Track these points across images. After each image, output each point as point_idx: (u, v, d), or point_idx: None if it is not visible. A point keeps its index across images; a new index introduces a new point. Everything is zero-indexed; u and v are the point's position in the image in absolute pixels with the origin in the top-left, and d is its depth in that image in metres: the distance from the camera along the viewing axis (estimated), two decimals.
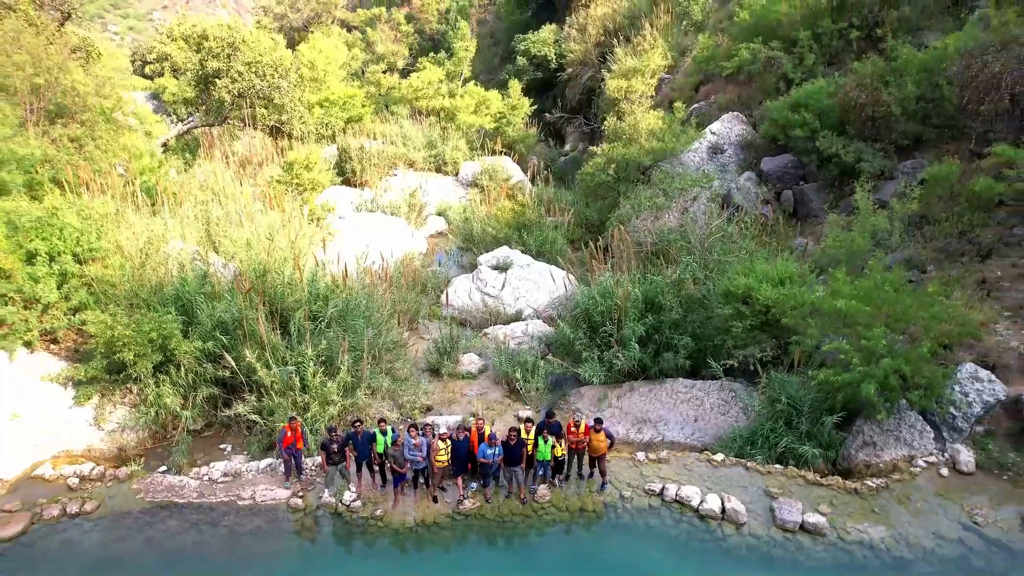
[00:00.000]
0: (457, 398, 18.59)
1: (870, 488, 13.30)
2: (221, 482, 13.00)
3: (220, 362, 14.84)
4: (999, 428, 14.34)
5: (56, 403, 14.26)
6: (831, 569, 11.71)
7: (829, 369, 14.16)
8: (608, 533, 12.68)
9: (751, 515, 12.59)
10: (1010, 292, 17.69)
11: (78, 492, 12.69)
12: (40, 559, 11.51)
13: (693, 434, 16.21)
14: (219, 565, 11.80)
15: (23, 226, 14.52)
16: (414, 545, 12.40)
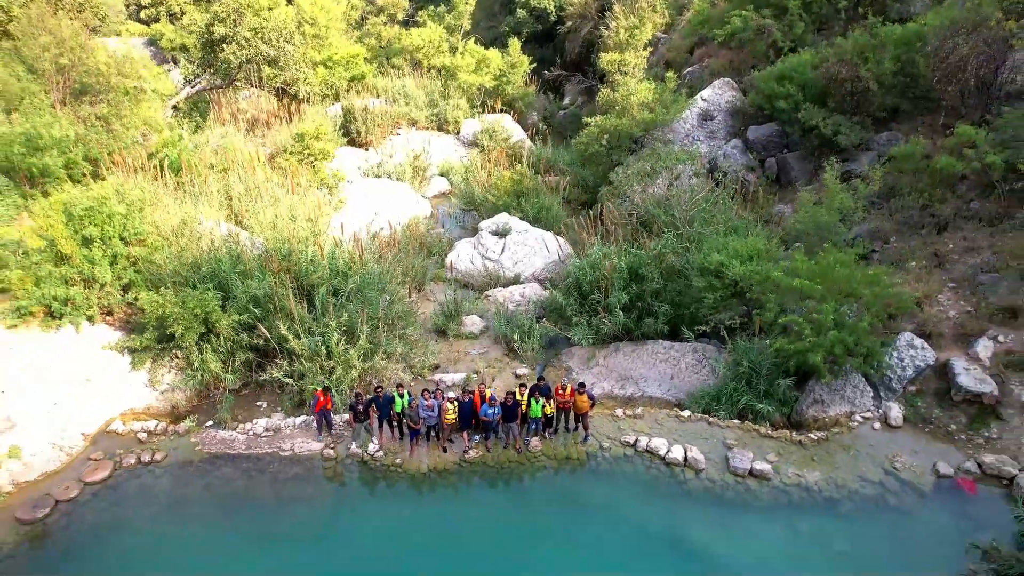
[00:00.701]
0: (461, 357, 20.83)
1: (812, 440, 15.72)
2: (264, 436, 15.45)
3: (254, 332, 17.02)
4: (927, 388, 16.63)
5: (117, 368, 16.56)
6: (772, 508, 14.21)
7: (785, 338, 16.35)
8: (590, 477, 15.17)
9: (709, 463, 15.04)
10: (958, 264, 19.66)
11: (147, 444, 15.17)
12: (124, 499, 14.04)
13: (669, 390, 18.55)
14: (267, 505, 14.32)
15: (77, 214, 16.42)
16: (427, 488, 14.92)
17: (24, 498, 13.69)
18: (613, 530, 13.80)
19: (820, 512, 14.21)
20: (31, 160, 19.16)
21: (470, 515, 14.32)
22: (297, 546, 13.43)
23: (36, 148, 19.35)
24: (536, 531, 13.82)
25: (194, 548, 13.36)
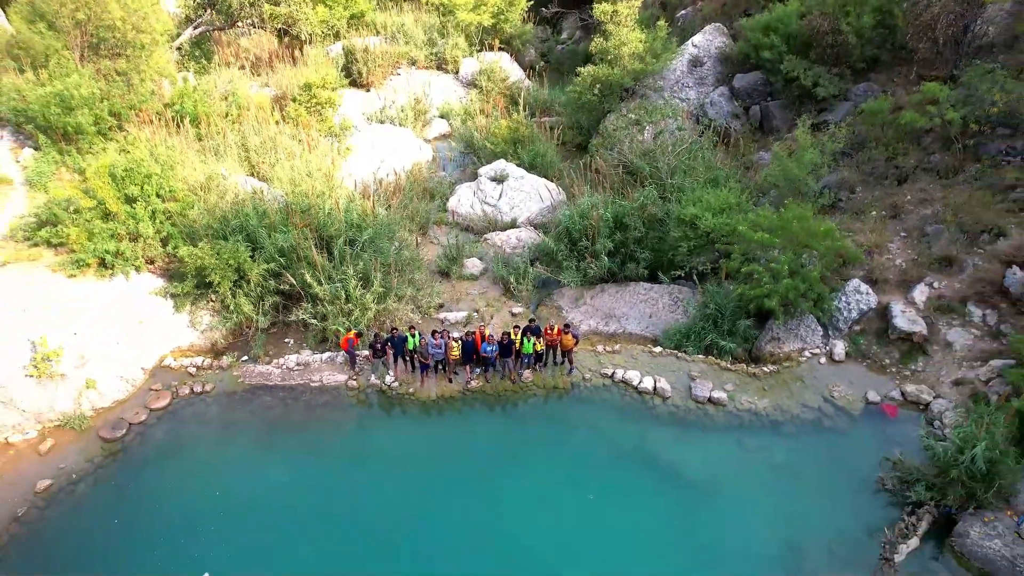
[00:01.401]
0: (463, 296, 23.22)
1: (765, 372, 18.35)
2: (296, 370, 18.06)
3: (281, 278, 19.31)
4: (869, 328, 19.12)
5: (163, 312, 18.96)
6: (725, 429, 16.98)
7: (746, 284, 18.69)
8: (573, 403, 17.90)
9: (675, 391, 17.72)
10: (911, 215, 21.74)
11: (197, 377, 17.80)
12: (182, 423, 16.79)
13: (647, 328, 21.07)
14: (301, 427, 17.06)
15: (120, 176, 18.34)
16: (436, 412, 17.66)
17: (103, 421, 16.44)
18: (592, 446, 16.62)
19: (766, 432, 17.00)
20: (66, 119, 20.84)
21: (472, 434, 17.11)
22: (327, 460, 16.26)
23: (69, 108, 20.99)
24: (527, 447, 16.65)
25: (242, 463, 16.20)
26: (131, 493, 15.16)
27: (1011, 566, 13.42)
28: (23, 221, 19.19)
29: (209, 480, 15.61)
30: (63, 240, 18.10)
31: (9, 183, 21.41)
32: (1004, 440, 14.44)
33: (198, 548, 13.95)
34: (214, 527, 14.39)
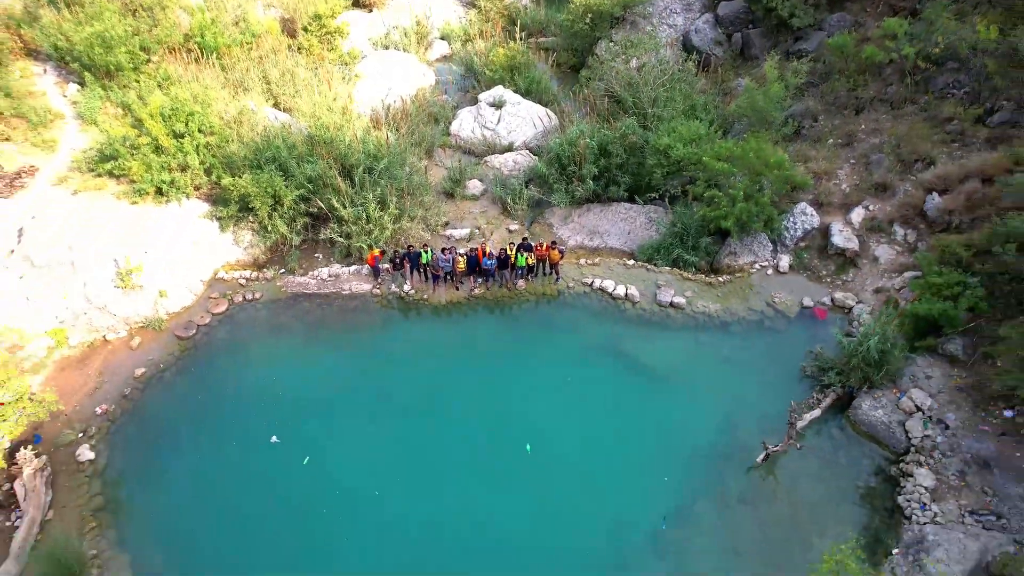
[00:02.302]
0: (465, 215, 26.40)
1: (720, 282, 21.91)
2: (328, 280, 21.63)
3: (310, 202, 22.47)
4: (812, 244, 22.49)
5: (211, 232, 22.25)
6: (682, 328, 20.73)
7: (708, 207, 21.88)
8: (559, 307, 21.58)
9: (643, 297, 21.35)
10: (862, 143, 24.55)
11: (247, 287, 21.40)
12: (238, 324, 20.55)
13: (626, 243, 24.43)
14: (335, 327, 20.81)
15: (167, 114, 21.09)
16: (445, 314, 21.37)
17: (175, 323, 20.20)
18: (573, 341, 20.46)
19: (716, 331, 20.77)
20: (108, 58, 23.26)
21: (475, 332, 20.91)
22: (358, 352, 20.13)
23: (109, 47, 23.33)
24: (520, 342, 20.51)
25: (289, 355, 20.06)
26: (205, 378, 19.15)
27: (887, 429, 17.56)
28: (86, 155, 22.15)
29: (265, 368, 19.54)
30: (125, 172, 21.15)
31: (62, 117, 24.14)
32: (895, 335, 18.21)
33: (261, 419, 18.05)
34: (272, 403, 18.43)
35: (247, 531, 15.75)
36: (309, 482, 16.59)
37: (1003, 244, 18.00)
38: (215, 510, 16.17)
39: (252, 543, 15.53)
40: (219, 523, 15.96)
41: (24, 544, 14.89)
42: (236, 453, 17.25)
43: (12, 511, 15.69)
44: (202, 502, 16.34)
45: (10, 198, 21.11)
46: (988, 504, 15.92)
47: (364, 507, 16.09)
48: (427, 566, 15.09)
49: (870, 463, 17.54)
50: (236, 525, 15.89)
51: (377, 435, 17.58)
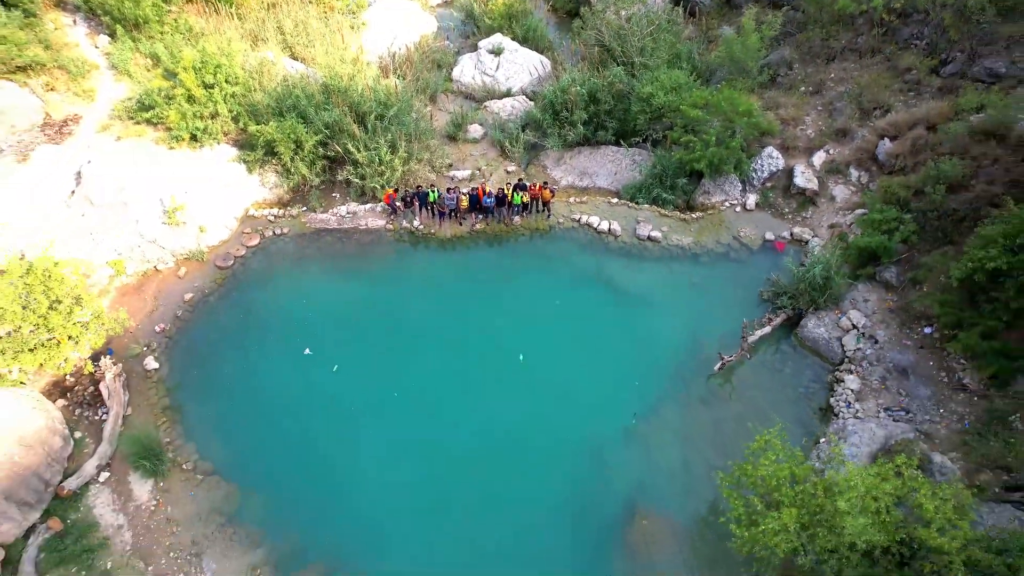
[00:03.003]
0: (467, 157, 28.91)
1: (693, 218, 24.69)
2: (347, 217, 24.42)
3: (328, 146, 24.97)
4: (777, 185, 25.13)
5: (239, 174, 24.86)
6: (658, 258, 23.65)
7: (684, 151, 24.41)
8: (551, 239, 24.45)
9: (624, 232, 24.19)
10: (831, 91, 26.78)
11: (275, 223, 24.21)
12: (270, 256, 23.48)
13: (612, 183, 27.05)
14: (354, 257, 23.75)
15: (197, 67, 23.35)
16: (450, 246, 24.27)
17: (215, 255, 23.15)
18: (563, 269, 23.43)
19: (687, 261, 23.71)
20: (137, 11, 25.29)
21: (477, 262, 23.86)
22: (373, 280, 23.11)
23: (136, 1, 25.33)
24: (517, 270, 23.48)
25: (316, 281, 23.06)
26: (244, 301, 22.25)
27: (827, 344, 20.74)
28: (125, 104, 24.54)
29: (295, 293, 22.59)
30: (162, 120, 23.61)
31: (96, 68, 26.35)
32: (838, 264, 21.16)
33: (295, 335, 21.22)
34: (303, 322, 21.57)
35: (287, 423, 19.16)
36: (338, 385, 19.92)
37: (934, 185, 20.70)
38: (260, 407, 19.55)
39: (291, 433, 18.96)
40: (263, 417, 19.35)
41: (113, 432, 18.33)
42: (275, 362, 20.53)
43: (99, 408, 19.06)
44: (249, 401, 19.70)
45: (61, 144, 23.66)
46: (900, 403, 19.26)
47: (385, 404, 19.47)
48: (438, 449, 18.55)
49: (811, 372, 20.81)
50: (277, 419, 19.28)
51: (393, 347, 20.80)
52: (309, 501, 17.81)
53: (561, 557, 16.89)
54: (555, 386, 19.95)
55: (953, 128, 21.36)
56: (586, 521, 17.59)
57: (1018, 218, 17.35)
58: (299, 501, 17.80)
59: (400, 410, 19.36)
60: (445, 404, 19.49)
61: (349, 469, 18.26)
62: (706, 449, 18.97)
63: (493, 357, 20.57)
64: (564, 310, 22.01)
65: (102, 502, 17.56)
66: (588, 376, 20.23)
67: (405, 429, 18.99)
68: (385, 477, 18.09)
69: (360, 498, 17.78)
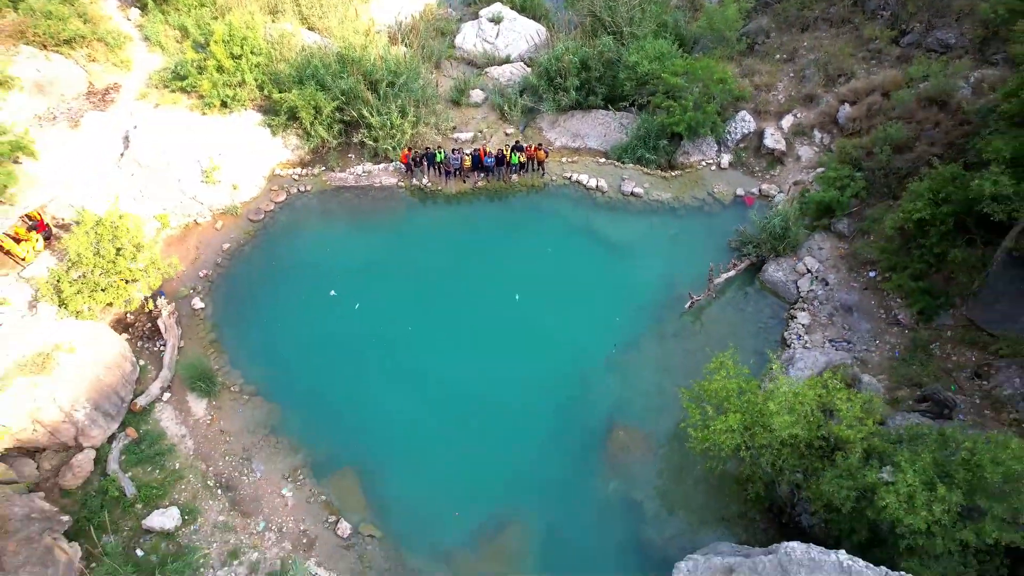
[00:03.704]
0: (469, 120, 31.55)
1: (673, 176, 27.52)
2: (363, 175, 27.29)
3: (344, 111, 27.65)
4: (749, 145, 27.86)
5: (265, 137, 27.61)
6: (639, 212, 26.59)
7: (665, 115, 27.08)
8: (545, 195, 27.37)
9: (610, 188, 27.07)
10: (803, 59, 29.23)
11: (299, 181, 27.10)
12: (295, 210, 26.46)
13: (601, 144, 29.77)
14: (370, 211, 26.72)
15: (225, 40, 25.90)
16: (455, 201, 27.21)
17: (247, 210, 26.13)
18: (555, 221, 26.40)
19: (666, 215, 26.65)
20: None
21: (479, 215, 26.83)
22: (388, 231, 26.12)
23: None
24: (514, 222, 26.48)
25: (337, 232, 26.09)
26: (275, 250, 25.33)
27: (784, 286, 23.84)
28: (161, 74, 27.17)
29: (319, 242, 25.64)
30: (195, 88, 26.29)
31: (130, 39, 28.86)
32: (796, 215, 24.08)
33: (321, 279, 24.35)
34: (327, 268, 24.67)
35: (317, 353, 22.44)
36: (360, 320, 23.17)
37: (882, 146, 23.47)
38: (293, 340, 22.81)
39: (320, 361, 22.25)
40: (297, 349, 22.63)
41: (171, 360, 21.65)
42: (305, 302, 23.72)
43: (156, 341, 22.34)
44: (284, 335, 22.96)
45: (105, 111, 26.39)
46: (844, 335, 22.47)
47: (400, 337, 22.73)
48: (446, 374, 21.86)
49: (769, 310, 23.98)
50: (308, 350, 22.56)
51: (407, 288, 23.95)
52: (338, 417, 21.22)
53: (552, 459, 20.36)
54: (547, 322, 23.15)
55: (902, 95, 24.00)
56: (573, 432, 21.02)
57: (941, 176, 20.22)
58: (330, 417, 21.21)
59: (413, 341, 22.63)
60: (451, 337, 22.75)
61: (371, 390, 21.63)
62: (676, 375, 22.21)
63: (493, 297, 23.75)
64: (555, 257, 25.09)
65: (167, 417, 20.99)
66: (576, 314, 23.42)
67: (418, 357, 22.29)
68: (401, 396, 21.46)
69: (381, 414, 21.18)
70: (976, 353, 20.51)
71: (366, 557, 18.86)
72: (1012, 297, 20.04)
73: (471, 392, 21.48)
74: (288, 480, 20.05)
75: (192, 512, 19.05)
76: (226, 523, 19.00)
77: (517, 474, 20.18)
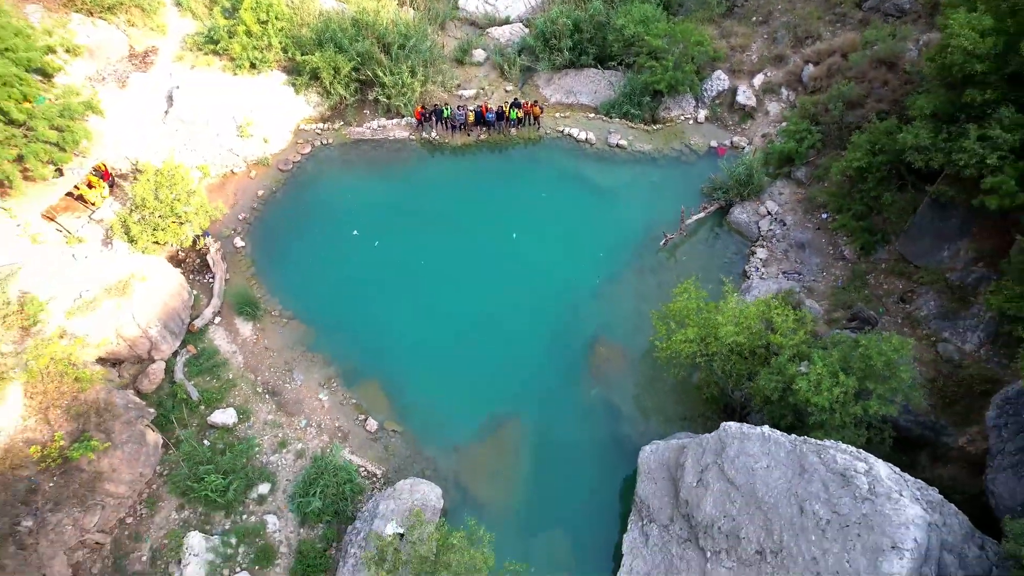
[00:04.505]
0: (472, 78, 34.59)
1: (654, 129, 30.78)
2: (378, 129, 30.59)
3: (360, 71, 30.75)
4: (724, 102, 30.99)
5: (289, 95, 30.80)
6: (624, 161, 29.98)
7: (648, 74, 30.17)
8: (540, 147, 30.72)
9: (598, 140, 30.40)
10: (777, 20, 32.04)
11: (321, 135, 30.43)
12: (320, 161, 29.89)
13: (592, 100, 32.89)
14: (384, 161, 30.15)
15: (253, 6, 28.86)
16: (461, 152, 30.60)
17: (277, 160, 29.56)
18: (549, 169, 29.86)
19: (647, 164, 30.03)
20: None
21: (482, 164, 30.28)
22: (401, 178, 29.61)
23: None
24: (512, 171, 29.94)
25: (357, 179, 29.58)
26: (303, 196, 28.90)
27: (748, 226, 27.42)
28: (194, 38, 30.19)
29: (341, 189, 29.18)
30: (227, 51, 29.36)
31: (163, 5, 31.73)
32: (760, 164, 27.47)
33: (344, 221, 27.98)
34: (349, 211, 28.27)
35: (343, 284, 26.26)
36: (379, 256, 26.92)
37: (836, 103, 26.65)
38: (322, 273, 26.60)
39: (346, 290, 26.08)
40: (325, 280, 26.43)
41: (219, 290, 25.49)
42: (331, 240, 27.41)
43: (205, 274, 26.14)
44: (314, 269, 26.73)
45: (147, 72, 29.55)
46: (795, 268, 26.16)
47: (414, 269, 26.49)
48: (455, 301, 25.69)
49: (734, 247, 27.63)
50: (336, 281, 26.36)
51: (419, 229, 27.60)
52: (364, 337, 25.17)
53: (544, 370, 24.37)
54: (540, 257, 26.89)
55: (857, 57, 27.03)
56: (562, 348, 24.98)
57: (877, 129, 23.53)
58: (357, 336, 25.17)
59: (426, 273, 26.43)
60: (458, 269, 26.53)
61: (390, 314, 25.52)
62: (651, 301, 25.89)
63: (493, 235, 27.45)
64: (548, 201, 28.66)
65: (219, 336, 24.96)
66: (565, 250, 27.12)
67: (430, 286, 26.12)
68: (416, 319, 25.36)
69: (399, 333, 25.11)
70: (903, 282, 24.20)
71: (390, 447, 23.09)
72: (933, 235, 23.60)
73: (475, 315, 25.37)
74: (324, 387, 24.13)
75: (246, 412, 23.17)
76: (274, 421, 23.14)
77: (514, 382, 24.21)
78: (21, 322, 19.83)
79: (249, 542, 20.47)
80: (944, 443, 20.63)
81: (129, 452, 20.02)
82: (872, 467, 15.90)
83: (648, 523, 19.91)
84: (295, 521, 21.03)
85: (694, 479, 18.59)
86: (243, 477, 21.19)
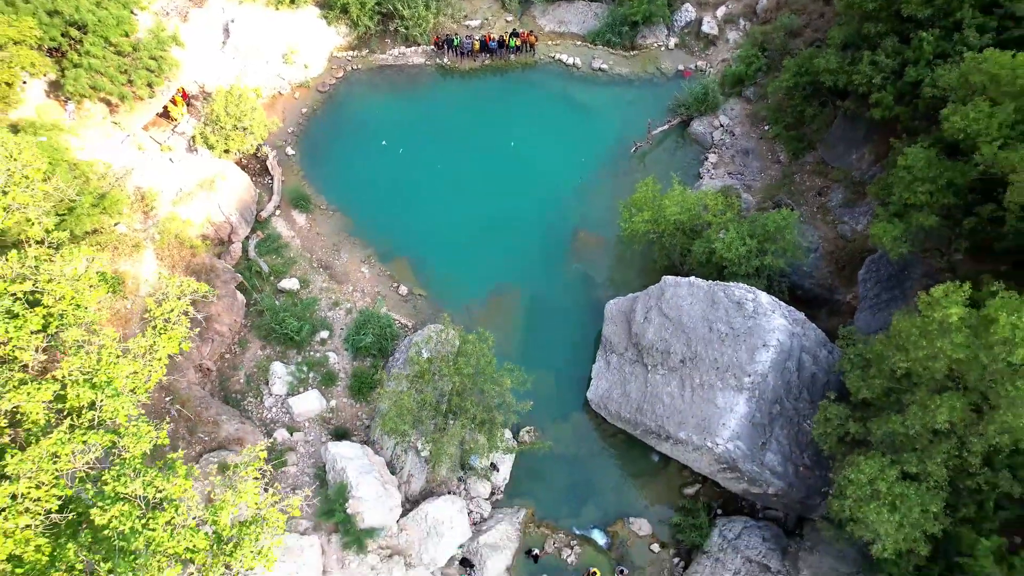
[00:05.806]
0: (477, 10, 39.72)
1: (632, 55, 36.39)
2: (399, 57, 36.30)
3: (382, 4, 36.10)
4: (691, 31, 36.40)
5: (323, 27, 36.31)
6: (605, 83, 35.79)
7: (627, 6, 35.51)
8: (534, 71, 36.48)
9: (583, 65, 36.12)
10: None
11: (352, 62, 36.17)
12: (351, 84, 35.77)
13: (581, 29, 38.28)
14: (405, 83, 36.02)
15: None
16: (469, 76, 36.39)
17: (316, 83, 35.49)
18: (542, 90, 35.75)
19: (624, 85, 35.86)
20: None
21: (487, 85, 36.15)
22: (420, 98, 35.56)
23: None
24: (512, 90, 35.88)
25: (383, 99, 35.56)
26: (340, 113, 35.01)
27: (704, 136, 33.58)
28: None
29: (370, 106, 35.22)
30: None
31: None
32: (715, 84, 33.32)
33: (375, 133, 34.21)
34: (378, 125, 34.44)
35: (375, 182, 32.77)
36: (403, 161, 33.35)
37: (780, 32, 32.21)
38: (359, 174, 33.07)
39: (378, 187, 32.63)
40: (362, 180, 32.92)
41: (278, 189, 32.09)
42: (364, 149, 33.74)
43: (264, 177, 32.66)
44: (352, 171, 33.19)
45: (202, 7, 35.04)
46: (739, 170, 32.49)
47: (433, 171, 32.95)
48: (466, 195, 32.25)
49: (693, 155, 33.89)
50: (369, 180, 32.86)
51: (435, 139, 33.86)
52: (395, 224, 31.91)
53: (536, 250, 31.22)
54: (533, 161, 33.26)
55: None
56: (549, 234, 31.74)
57: (803, 55, 29.32)
58: (390, 224, 31.92)
59: (442, 174, 32.94)
60: (468, 170, 32.99)
61: (414, 207, 32.17)
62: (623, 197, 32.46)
63: (495, 143, 33.77)
64: (540, 115, 34.77)
65: (281, 225, 31.73)
66: (554, 155, 33.45)
67: (446, 184, 32.66)
68: (435, 211, 32.01)
69: (423, 222, 31.82)
70: (821, 180, 30.58)
71: (417, 306, 30.29)
72: (845, 142, 29.77)
73: (481, 207, 32.04)
74: (364, 263, 31.11)
75: (306, 281, 30.22)
76: (328, 287, 30.24)
77: (513, 259, 31.10)
78: (142, 208, 26.59)
79: (317, 370, 27.94)
80: (836, 300, 27.68)
81: (227, 303, 27.19)
82: (757, 296, 22.96)
83: (610, 354, 27.22)
84: (349, 357, 28.43)
85: (642, 317, 25.71)
86: (309, 325, 28.44)
